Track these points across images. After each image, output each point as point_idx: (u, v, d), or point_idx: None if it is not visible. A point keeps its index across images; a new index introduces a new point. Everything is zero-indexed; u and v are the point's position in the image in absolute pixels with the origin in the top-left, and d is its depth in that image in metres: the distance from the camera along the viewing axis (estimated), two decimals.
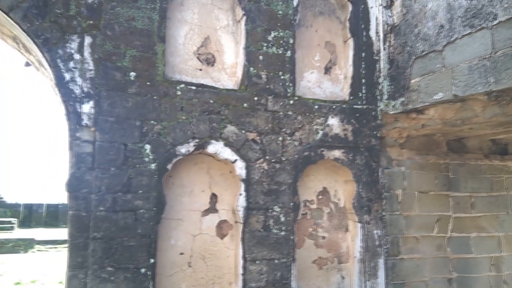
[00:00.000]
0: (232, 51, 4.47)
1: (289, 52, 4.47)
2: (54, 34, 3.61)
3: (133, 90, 3.83)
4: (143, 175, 3.80)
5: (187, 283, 4.09)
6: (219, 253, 4.26)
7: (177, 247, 4.11)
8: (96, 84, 3.71)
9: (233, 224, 4.33)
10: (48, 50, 3.58)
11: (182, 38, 4.27)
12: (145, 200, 3.78)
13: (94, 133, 3.70)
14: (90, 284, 3.53)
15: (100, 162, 3.67)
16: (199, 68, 4.32)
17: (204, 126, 4.07)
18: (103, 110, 3.71)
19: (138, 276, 3.68)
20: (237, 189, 4.24)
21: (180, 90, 4.01)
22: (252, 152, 4.21)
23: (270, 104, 4.33)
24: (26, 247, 17.36)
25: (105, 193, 3.65)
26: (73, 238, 3.59)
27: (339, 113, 4.61)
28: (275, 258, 4.18)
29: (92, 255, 3.56)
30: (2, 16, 3.64)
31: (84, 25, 3.71)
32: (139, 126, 3.84)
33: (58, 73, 3.60)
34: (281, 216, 4.24)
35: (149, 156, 3.84)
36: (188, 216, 4.19)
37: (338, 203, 4.83)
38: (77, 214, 3.61)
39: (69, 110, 3.64)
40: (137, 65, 3.86)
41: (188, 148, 4.01)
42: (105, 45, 3.75)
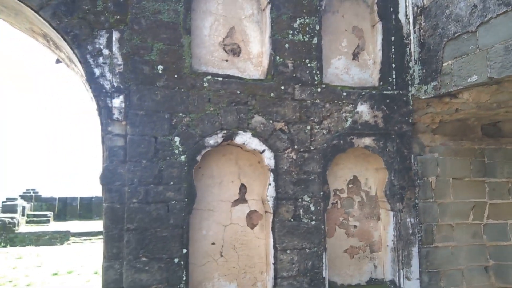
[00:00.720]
0: (258, 40, 4.43)
1: (315, 39, 4.40)
2: (83, 30, 3.68)
3: (161, 83, 3.86)
4: (173, 167, 3.84)
5: (219, 272, 4.14)
6: (250, 242, 4.28)
7: (208, 237, 4.16)
8: (126, 79, 3.76)
9: (263, 214, 4.34)
10: (78, 47, 3.65)
11: (208, 29, 4.27)
12: (176, 192, 3.83)
13: (125, 127, 3.76)
14: (126, 274, 3.62)
15: (131, 155, 3.73)
16: (225, 59, 4.31)
17: (232, 117, 4.07)
18: (133, 104, 3.77)
19: (171, 266, 3.74)
20: (266, 179, 4.23)
21: (207, 82, 4.02)
22: (280, 142, 4.19)
23: (297, 93, 4.28)
24: (61, 239, 18.02)
25: (137, 185, 3.72)
26: (108, 229, 3.68)
27: (369, 100, 4.52)
28: (306, 248, 4.17)
29: (127, 246, 3.65)
30: (32, 15, 3.73)
31: (112, 20, 3.76)
32: (168, 118, 3.87)
33: (89, 69, 3.67)
34: (311, 205, 4.22)
35: (178, 148, 3.88)
36: (219, 207, 4.22)
37: (369, 191, 4.75)
38: (111, 206, 3.69)
39: (100, 105, 3.71)
40: (164, 58, 3.88)
41: (216, 140, 4.03)
42: (132, 39, 3.79)
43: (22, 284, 10.86)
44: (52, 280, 11.27)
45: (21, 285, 10.76)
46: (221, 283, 4.14)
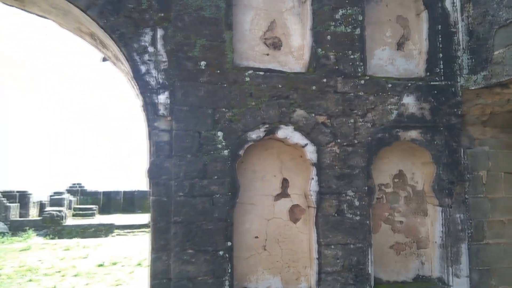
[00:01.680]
0: (299, 33, 4.39)
1: (358, 30, 4.30)
2: (128, 28, 3.77)
3: (204, 79, 3.91)
4: (217, 161, 3.88)
5: (263, 266, 4.17)
6: (293, 237, 4.27)
7: (252, 230, 4.18)
8: (170, 75, 3.83)
9: (305, 208, 4.32)
10: (124, 45, 3.75)
11: (248, 23, 4.27)
12: (220, 185, 3.87)
13: (171, 122, 3.83)
14: (173, 266, 3.71)
15: (177, 150, 3.80)
16: (266, 53, 4.30)
17: (273, 111, 4.06)
18: (178, 99, 3.83)
19: (217, 258, 3.80)
20: (308, 173, 4.20)
21: (249, 76, 4.03)
22: (323, 135, 4.14)
23: (339, 86, 4.21)
24: (106, 231, 18.71)
25: (183, 179, 3.79)
26: (156, 222, 3.78)
27: (415, 91, 4.37)
28: (350, 243, 4.11)
29: (174, 238, 3.73)
30: (80, 14, 3.87)
31: (156, 18, 3.83)
32: (211, 113, 3.91)
33: (135, 66, 3.77)
34: (355, 200, 4.15)
35: (221, 142, 3.91)
36: (261, 201, 4.24)
37: (416, 186, 4.62)
38: (158, 199, 3.78)
39: (146, 101, 3.81)
40: (207, 54, 3.92)
41: (258, 134, 4.03)
42: (176, 36, 3.85)
43: (70, 274, 11.38)
44: (98, 270, 11.74)
45: (68, 275, 11.28)
46: (265, 277, 4.16)
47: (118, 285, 10.12)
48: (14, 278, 10.87)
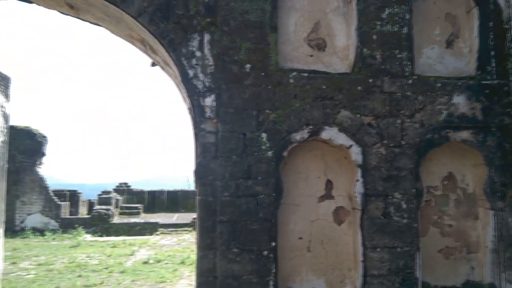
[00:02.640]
0: (343, 33, 4.36)
1: (405, 28, 4.22)
2: (177, 34, 3.91)
3: (249, 81, 3.97)
4: (261, 162, 3.94)
5: (307, 267, 4.17)
6: (338, 239, 4.24)
7: (295, 231, 4.20)
8: (216, 78, 3.93)
9: (350, 210, 4.28)
10: (174, 50, 3.89)
11: (293, 25, 4.29)
12: (265, 186, 3.92)
13: (216, 124, 3.93)
14: (219, 264, 3.79)
15: (222, 151, 3.89)
16: (310, 54, 4.30)
17: (318, 112, 4.06)
18: (223, 102, 3.92)
19: (261, 258, 3.84)
20: (353, 175, 4.17)
21: (293, 78, 4.05)
22: (369, 136, 4.09)
23: (386, 85, 4.14)
24: (151, 230, 19.28)
25: (228, 179, 3.87)
26: (202, 221, 3.88)
27: (466, 90, 4.23)
28: (397, 246, 4.03)
29: (220, 237, 3.81)
30: (132, 22, 4.04)
31: (203, 23, 3.94)
32: (256, 115, 3.97)
33: (183, 71, 3.90)
34: (402, 203, 4.07)
35: (266, 144, 3.96)
36: (305, 202, 4.24)
37: (466, 188, 4.46)
38: (204, 199, 3.89)
39: (193, 104, 3.92)
40: (252, 57, 3.99)
41: (302, 135, 4.05)
42: (222, 40, 3.95)
43: (117, 270, 11.81)
44: (143, 268, 12.11)
45: (115, 271, 11.71)
46: (309, 278, 4.16)
47: (162, 282, 10.40)
48: (64, 274, 11.43)
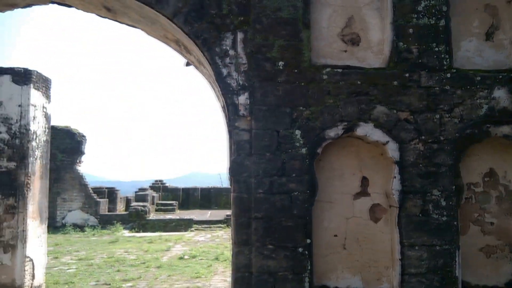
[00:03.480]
0: (378, 27, 4.28)
1: (442, 21, 4.10)
2: (211, 33, 3.96)
3: (282, 79, 3.98)
4: (295, 159, 3.94)
5: (342, 265, 4.14)
6: (374, 236, 4.19)
7: (330, 229, 4.18)
8: (249, 76, 3.96)
9: (387, 208, 4.21)
10: (208, 49, 3.95)
11: (326, 21, 4.26)
12: (299, 183, 3.92)
13: (250, 122, 3.96)
14: (254, 260, 3.83)
15: (256, 148, 3.92)
16: (343, 49, 4.25)
17: (352, 108, 4.01)
18: (257, 100, 3.95)
19: (296, 254, 3.85)
20: (389, 172, 4.09)
21: (326, 74, 4.03)
22: (405, 132, 4.00)
23: (423, 80, 4.04)
24: (185, 226, 19.65)
25: (262, 176, 3.90)
26: (237, 217, 3.93)
27: (507, 84, 4.06)
28: (436, 245, 3.93)
29: (255, 234, 3.85)
30: (167, 23, 4.13)
31: (236, 22, 3.98)
32: (289, 112, 3.97)
33: (217, 69, 3.95)
34: (441, 200, 3.96)
35: (299, 141, 3.96)
36: (340, 199, 4.21)
37: (509, 185, 4.29)
38: (239, 196, 3.93)
39: (227, 102, 3.97)
40: (284, 54, 3.99)
41: (336, 132, 4.02)
42: (255, 38, 3.97)
43: (153, 265, 12.13)
44: (179, 263, 12.38)
45: (152, 266, 12.03)
46: (345, 275, 4.13)
47: (198, 277, 10.60)
48: (103, 268, 11.84)
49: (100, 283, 10.14)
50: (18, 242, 7.24)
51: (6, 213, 7.25)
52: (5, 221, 7.23)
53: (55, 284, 9.81)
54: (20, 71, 7.60)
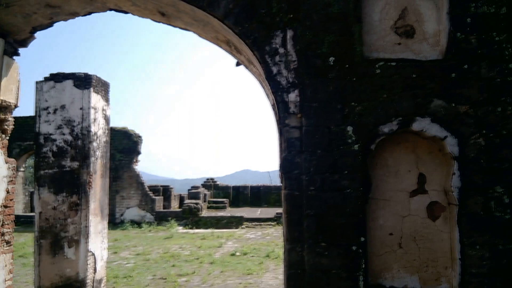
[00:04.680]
0: (434, 18, 4.11)
1: (503, 9, 3.86)
2: (261, 32, 4.00)
3: (333, 75, 3.93)
4: (347, 156, 3.88)
5: (398, 264, 4.03)
6: (432, 235, 4.04)
7: (385, 227, 4.08)
8: (299, 74, 3.95)
9: (445, 205, 4.04)
10: (257, 48, 3.99)
11: (378, 14, 4.15)
12: (351, 180, 3.86)
13: (301, 119, 3.95)
14: (307, 257, 3.82)
15: (307, 146, 3.91)
16: (397, 42, 4.13)
17: (407, 102, 3.89)
18: (307, 97, 3.93)
19: (350, 253, 3.80)
20: (448, 168, 3.93)
21: (379, 68, 3.93)
22: (465, 126, 3.82)
23: (483, 71, 3.83)
24: (236, 223, 19.98)
25: (314, 174, 3.88)
26: (289, 214, 3.94)
27: None
28: (499, 244, 3.72)
29: (307, 231, 3.84)
30: (218, 24, 4.22)
31: (286, 19, 3.99)
32: (341, 108, 3.92)
33: (267, 68, 3.98)
34: (504, 197, 3.74)
35: (352, 137, 3.89)
36: (395, 197, 4.10)
37: None
38: (291, 193, 3.94)
39: (277, 100, 3.99)
40: (335, 50, 3.94)
41: (391, 127, 3.91)
42: (305, 35, 3.96)
43: (206, 261, 12.45)
44: (230, 259, 12.62)
45: (205, 262, 12.35)
46: (401, 275, 4.02)
47: (249, 274, 10.75)
48: (159, 263, 12.32)
49: (157, 278, 10.58)
50: (81, 237, 7.70)
51: (70, 210, 7.74)
52: (69, 217, 7.72)
53: (114, 277, 10.37)
54: (81, 76, 8.08)
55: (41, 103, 8.00)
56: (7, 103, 4.85)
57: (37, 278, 7.60)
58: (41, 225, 7.69)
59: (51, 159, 7.87)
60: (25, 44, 5.07)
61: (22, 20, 4.59)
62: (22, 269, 11.11)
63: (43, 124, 7.96)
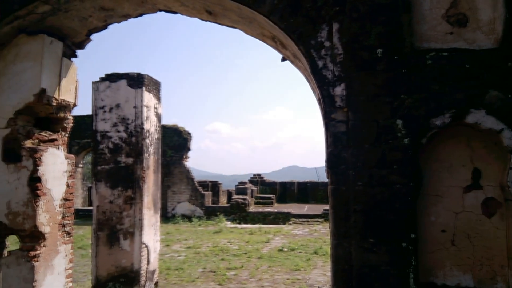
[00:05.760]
0: (488, 5, 3.90)
1: None
2: (306, 27, 3.99)
3: (381, 67, 3.85)
4: (396, 151, 3.79)
5: (451, 262, 3.89)
6: (487, 232, 3.85)
7: (437, 224, 3.95)
8: (346, 67, 3.91)
9: (502, 202, 3.84)
10: (303, 43, 3.99)
11: (428, 3, 4.00)
12: (401, 176, 3.77)
13: (347, 113, 3.91)
14: (354, 253, 3.79)
15: (354, 140, 3.86)
16: (449, 31, 3.96)
17: (461, 94, 3.73)
18: (354, 90, 3.88)
19: (399, 249, 3.71)
20: (505, 162, 3.73)
21: (431, 59, 3.80)
22: None
23: None
24: (284, 219, 20.01)
25: (361, 168, 3.83)
26: (335, 210, 3.92)
27: None
28: None
29: (354, 226, 3.80)
30: (263, 20, 4.26)
31: (331, 12, 3.95)
32: (389, 102, 3.83)
33: (312, 62, 3.97)
34: None
35: (401, 131, 3.80)
36: (448, 192, 3.95)
37: None
38: (337, 188, 3.91)
39: (323, 94, 3.97)
40: (383, 41, 3.85)
41: (443, 120, 3.77)
42: (351, 27, 3.90)
43: (254, 256, 12.59)
44: (278, 255, 12.67)
45: (253, 257, 12.49)
46: (454, 273, 3.87)
47: (297, 270, 10.75)
48: (209, 257, 12.62)
49: (207, 270, 10.86)
50: (135, 229, 8.07)
51: (125, 204, 8.13)
52: (124, 211, 8.11)
53: (167, 269, 10.76)
54: (134, 75, 8.45)
55: (97, 102, 8.45)
56: (66, 102, 5.18)
57: (95, 268, 8.05)
58: (98, 218, 8.14)
59: (107, 155, 8.30)
60: (82, 46, 5.40)
61: (79, 23, 4.89)
62: (81, 260, 11.81)
63: (100, 122, 8.40)
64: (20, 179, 4.61)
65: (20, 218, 4.58)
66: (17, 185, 4.60)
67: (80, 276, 10.10)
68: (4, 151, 4.68)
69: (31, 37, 4.73)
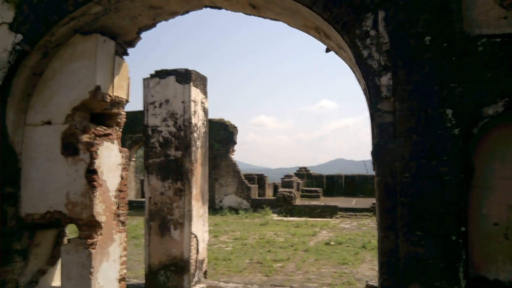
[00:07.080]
0: None
1: None
2: (350, 16, 3.95)
3: (429, 55, 3.73)
4: (446, 141, 3.67)
5: (504, 256, 3.72)
6: None
7: (489, 217, 3.79)
8: (392, 56, 3.82)
9: None
10: (347, 32, 3.95)
11: None
12: (451, 167, 3.65)
13: (394, 103, 3.83)
14: (401, 246, 3.72)
15: (401, 131, 3.78)
16: (502, 16, 3.75)
17: None
18: (400, 79, 3.79)
19: (448, 243, 3.61)
20: None
21: (482, 45, 3.63)
22: None
23: None
24: (330, 213, 19.83)
25: (408, 160, 3.75)
26: (382, 202, 3.86)
27: None
28: None
29: (401, 219, 3.74)
30: (306, 11, 4.26)
31: (377, 0, 3.87)
32: (438, 90, 3.71)
33: (357, 52, 3.92)
34: None
35: (451, 121, 3.67)
36: (501, 184, 3.78)
37: None
38: (383, 180, 3.86)
39: (369, 84, 3.91)
40: (431, 28, 3.73)
41: (496, 109, 3.60)
42: (397, 15, 3.81)
43: (301, 249, 12.61)
44: (325, 248, 12.61)
45: (300, 249, 12.52)
46: (507, 268, 3.71)
47: (344, 264, 10.65)
48: (256, 248, 12.80)
49: (254, 262, 11.03)
50: (185, 220, 8.34)
51: (175, 195, 8.43)
52: (174, 202, 8.41)
53: (215, 259, 11.06)
54: (181, 71, 8.69)
55: (148, 98, 8.79)
56: (119, 98, 5.46)
57: (147, 256, 8.43)
58: (150, 208, 8.51)
59: (158, 149, 8.63)
60: (132, 44, 5.66)
61: (129, 22, 5.13)
62: (134, 249, 12.40)
63: (151, 117, 8.74)
64: (78, 171, 4.93)
65: (78, 208, 4.90)
66: (76, 177, 4.93)
67: (134, 264, 10.62)
68: (63, 145, 5.02)
69: (86, 37, 5.03)
